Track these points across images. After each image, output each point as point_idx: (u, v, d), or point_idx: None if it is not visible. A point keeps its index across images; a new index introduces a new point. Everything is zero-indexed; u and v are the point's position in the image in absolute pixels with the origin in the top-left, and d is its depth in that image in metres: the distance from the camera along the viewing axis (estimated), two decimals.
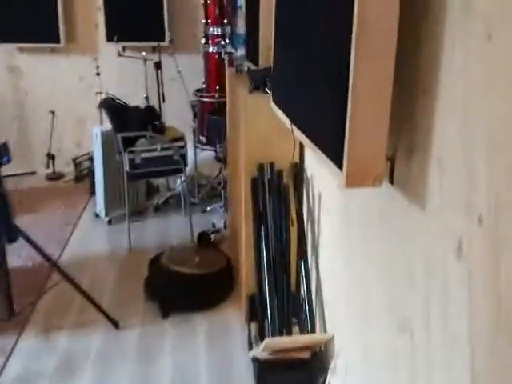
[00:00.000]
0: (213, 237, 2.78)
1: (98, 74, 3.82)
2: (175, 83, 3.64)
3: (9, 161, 1.15)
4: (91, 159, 3.89)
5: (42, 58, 4.08)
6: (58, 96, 4.16)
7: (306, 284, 1.75)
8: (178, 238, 3.06)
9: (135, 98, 3.43)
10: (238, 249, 2.36)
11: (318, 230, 1.75)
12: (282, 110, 1.58)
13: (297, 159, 1.96)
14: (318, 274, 1.79)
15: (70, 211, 3.54)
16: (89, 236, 3.16)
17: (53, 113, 4.12)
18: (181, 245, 2.85)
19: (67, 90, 4.16)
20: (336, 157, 0.97)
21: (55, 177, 4.16)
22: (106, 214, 3.27)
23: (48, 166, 4.17)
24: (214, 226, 3.06)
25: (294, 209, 1.85)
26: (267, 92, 2.01)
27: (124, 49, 3.85)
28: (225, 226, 3.07)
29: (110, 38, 3.80)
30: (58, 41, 3.93)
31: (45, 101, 4.14)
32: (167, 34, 3.83)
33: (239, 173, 2.25)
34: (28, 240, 2.18)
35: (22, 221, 3.43)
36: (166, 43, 3.81)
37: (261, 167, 1.95)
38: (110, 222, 3.28)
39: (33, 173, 4.26)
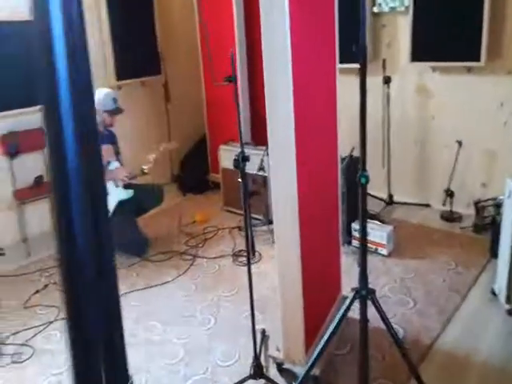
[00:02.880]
0: None
1: None
2: None
3: None
4: (497, 206, 3.00)
5: (456, 79, 3.43)
6: (468, 123, 3.42)
7: None
8: None
9: None
10: None
11: None
12: None
13: None
14: None
15: (460, 271, 2.83)
16: (479, 321, 2.36)
17: (459, 143, 3.43)
18: None
19: (480, 117, 3.35)
20: None
21: (451, 218, 3.50)
22: (508, 300, 2.35)
23: (444, 204, 3.56)
24: None
25: None
26: None
27: None
28: None
29: None
30: (477, 59, 3.16)
31: (452, 128, 3.51)
32: None
33: None
34: (379, 311, 1.68)
35: (408, 265, 3.06)
36: None
37: None
38: (510, 312, 2.35)
39: (427, 205, 3.78)
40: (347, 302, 1.73)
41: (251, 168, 3.65)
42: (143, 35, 4.39)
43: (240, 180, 2.13)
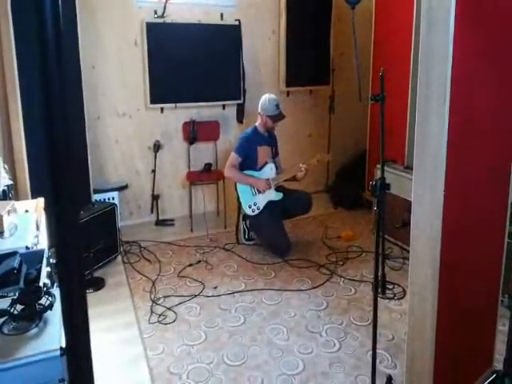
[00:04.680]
0: None
1: None
2: None
3: None
4: None
5: None
6: None
7: None
8: None
9: None
10: None
11: None
12: None
13: None
14: None
15: None
16: None
17: None
18: None
19: None
20: None
21: None
22: None
23: None
24: None
25: None
26: None
27: None
28: None
29: None
30: None
31: None
32: None
33: None
34: None
35: None
36: None
37: None
38: None
39: None
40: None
41: (408, 195, 3.35)
42: (317, 46, 4.45)
43: (375, 209, 1.96)
